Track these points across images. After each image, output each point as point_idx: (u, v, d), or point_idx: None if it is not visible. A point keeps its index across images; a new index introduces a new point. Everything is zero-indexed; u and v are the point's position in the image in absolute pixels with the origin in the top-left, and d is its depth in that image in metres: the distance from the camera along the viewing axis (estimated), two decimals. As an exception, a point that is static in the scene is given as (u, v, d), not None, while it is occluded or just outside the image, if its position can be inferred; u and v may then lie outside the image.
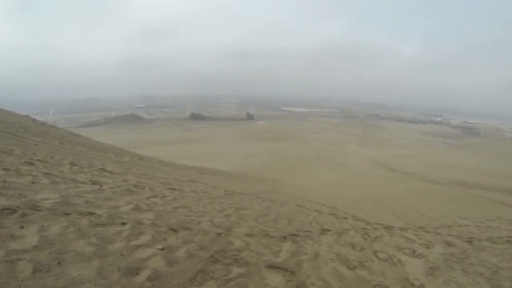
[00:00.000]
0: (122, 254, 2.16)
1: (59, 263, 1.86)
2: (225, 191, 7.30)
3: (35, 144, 7.49)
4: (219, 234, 3.15)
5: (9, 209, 2.38)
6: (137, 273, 1.97)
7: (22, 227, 2.17)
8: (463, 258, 3.94)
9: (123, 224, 2.71)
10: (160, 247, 2.42)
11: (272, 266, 2.61)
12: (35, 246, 1.97)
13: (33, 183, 3.36)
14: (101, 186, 4.07)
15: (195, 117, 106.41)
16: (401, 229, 5.62)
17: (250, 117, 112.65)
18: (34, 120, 15.06)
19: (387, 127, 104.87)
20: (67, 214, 2.60)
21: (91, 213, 2.77)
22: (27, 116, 15.75)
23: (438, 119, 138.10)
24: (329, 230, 4.55)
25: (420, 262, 3.55)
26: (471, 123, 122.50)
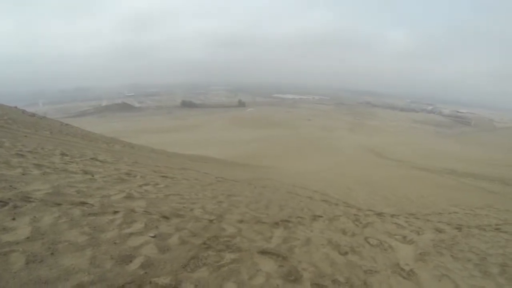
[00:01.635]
0: (115, 243, 2.17)
1: (52, 254, 1.86)
2: (216, 178, 7.32)
3: (25, 136, 7.39)
4: (211, 220, 3.18)
5: (0, 201, 2.37)
6: (130, 261, 1.99)
7: (14, 219, 2.17)
8: (453, 245, 4.03)
9: (116, 212, 2.72)
10: (152, 234, 2.44)
11: (264, 252, 2.64)
12: (28, 238, 1.97)
13: (23, 174, 3.33)
14: (93, 176, 4.05)
15: (186, 104, 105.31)
16: (392, 215, 5.72)
17: (241, 104, 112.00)
18: (23, 111, 14.80)
19: (379, 114, 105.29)
20: (59, 204, 2.60)
21: (83, 203, 2.76)
22: (16, 107, 15.48)
23: (429, 107, 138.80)
24: (321, 216, 4.61)
25: (411, 248, 3.62)
26: (462, 112, 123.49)
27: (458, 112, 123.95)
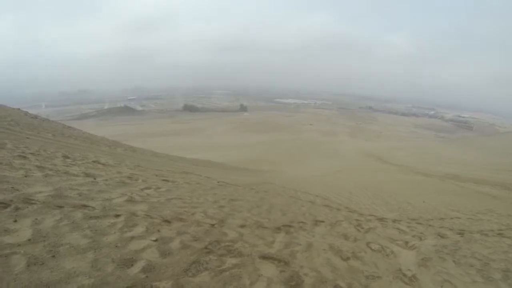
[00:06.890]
0: (116, 246, 2.16)
1: (53, 256, 1.86)
2: (218, 182, 7.30)
3: (28, 138, 7.41)
4: (212, 225, 3.17)
5: (2, 203, 2.37)
6: (132, 265, 1.98)
7: (15, 220, 2.17)
8: (455, 250, 4.00)
9: (117, 216, 2.71)
10: (154, 238, 2.43)
11: (265, 257, 2.63)
12: (29, 240, 1.97)
13: (26, 176, 3.34)
14: (95, 179, 4.05)
15: (188, 108, 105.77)
16: (394, 220, 5.68)
17: (243, 109, 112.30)
18: (26, 113, 14.84)
19: (380, 119, 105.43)
20: (60, 207, 2.60)
21: (84, 206, 2.76)
22: (19, 109, 15.52)
23: (431, 112, 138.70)
24: (323, 221, 4.58)
25: (413, 253, 3.60)
26: (463, 117, 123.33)
27: (460, 116, 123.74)
